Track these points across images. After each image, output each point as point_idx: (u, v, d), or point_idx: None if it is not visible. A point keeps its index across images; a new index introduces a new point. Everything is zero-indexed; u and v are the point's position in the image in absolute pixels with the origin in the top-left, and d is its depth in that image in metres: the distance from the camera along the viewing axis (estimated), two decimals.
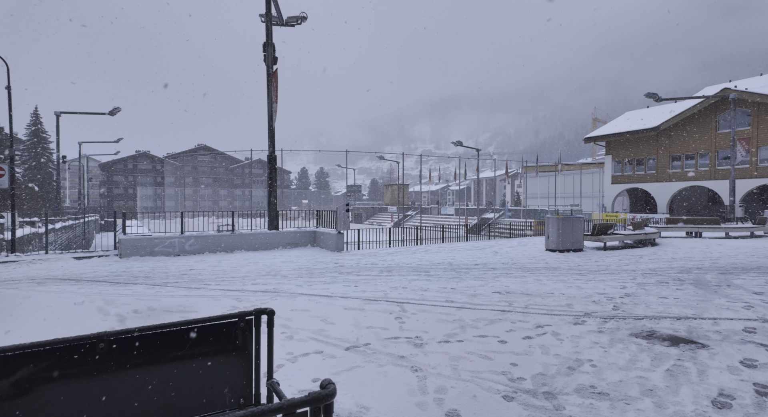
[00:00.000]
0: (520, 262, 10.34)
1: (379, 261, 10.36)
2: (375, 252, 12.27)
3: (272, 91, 12.35)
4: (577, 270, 9.27)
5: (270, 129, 12.54)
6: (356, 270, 9.01)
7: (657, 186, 35.01)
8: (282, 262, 10.07)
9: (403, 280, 7.84)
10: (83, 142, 44.54)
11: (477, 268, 9.51)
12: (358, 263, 9.97)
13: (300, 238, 12.86)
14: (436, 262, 10.25)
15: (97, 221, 70.59)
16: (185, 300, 6.19)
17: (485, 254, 11.95)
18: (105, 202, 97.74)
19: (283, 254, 11.43)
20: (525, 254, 11.94)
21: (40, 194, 56.73)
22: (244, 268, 9.15)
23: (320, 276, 8.29)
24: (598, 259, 11.01)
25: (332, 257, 10.99)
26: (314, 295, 6.54)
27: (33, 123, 65.02)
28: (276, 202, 12.61)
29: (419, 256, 11.33)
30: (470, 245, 14.59)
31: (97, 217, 70.76)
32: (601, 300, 6.43)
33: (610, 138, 37.78)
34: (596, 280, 8.02)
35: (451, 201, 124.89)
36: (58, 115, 32.13)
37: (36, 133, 63.78)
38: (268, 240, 12.29)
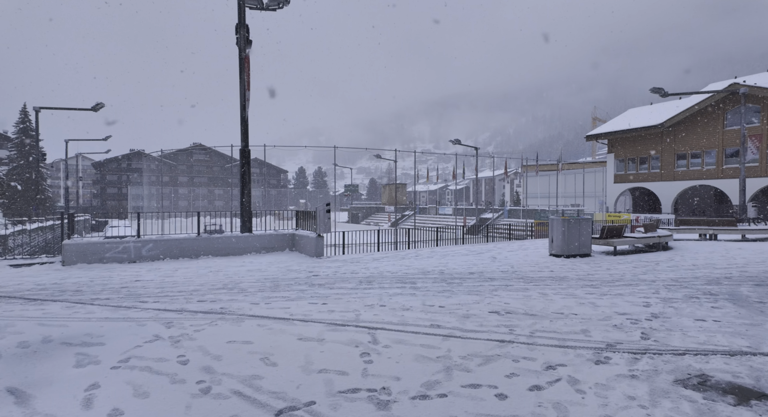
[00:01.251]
0: (521, 271, 9.07)
1: (361, 269, 9.08)
2: (359, 258, 10.99)
3: (245, 77, 11.08)
4: (587, 280, 8.01)
5: (243, 119, 11.26)
6: (331, 281, 7.73)
7: (661, 185, 33.79)
8: (248, 271, 8.79)
9: (383, 295, 6.57)
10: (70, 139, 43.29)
11: (472, 278, 8.24)
12: (336, 272, 8.70)
13: (276, 242, 11.58)
14: (426, 271, 8.98)
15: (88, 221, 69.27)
16: (101, 325, 4.91)
17: (482, 260, 10.69)
18: (98, 202, 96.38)
19: (253, 261, 10.15)
20: (526, 260, 10.68)
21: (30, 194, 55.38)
22: (200, 279, 7.86)
23: (286, 289, 7.01)
24: (609, 266, 9.75)
25: (309, 264, 9.71)
26: (267, 318, 5.26)
27: (21, 121, 63.69)
28: (249, 201, 11.33)
29: (407, 263, 10.05)
30: (466, 249, 13.33)
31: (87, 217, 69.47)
32: (623, 323, 5.17)
33: (613, 136, 36.55)
34: (612, 295, 6.76)
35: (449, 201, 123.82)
36: (38, 110, 30.81)
37: (24, 130, 62.48)
38: (240, 244, 11.01)
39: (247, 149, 11.41)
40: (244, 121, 11.27)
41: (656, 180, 34.23)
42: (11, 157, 59.20)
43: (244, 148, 11.37)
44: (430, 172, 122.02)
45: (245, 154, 11.35)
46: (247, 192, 11.29)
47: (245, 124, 11.30)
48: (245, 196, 11.31)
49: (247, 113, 11.21)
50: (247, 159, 11.40)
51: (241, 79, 11.12)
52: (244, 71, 11.10)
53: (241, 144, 11.36)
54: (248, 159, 11.41)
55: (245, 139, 11.37)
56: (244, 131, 11.32)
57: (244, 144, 11.36)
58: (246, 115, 11.22)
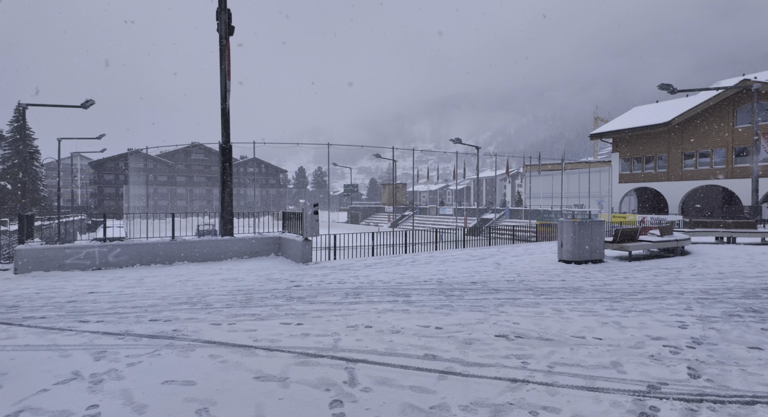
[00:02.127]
0: (529, 280, 8.11)
1: (350, 278, 8.12)
2: (350, 263, 10.02)
3: (225, 66, 10.13)
4: (605, 292, 7.05)
5: (223, 111, 10.30)
6: (313, 294, 6.77)
7: (668, 185, 32.79)
8: (222, 280, 7.83)
9: (370, 313, 5.61)
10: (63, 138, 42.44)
11: (474, 289, 7.28)
12: (321, 282, 7.73)
13: (261, 246, 10.62)
14: (422, 279, 8.02)
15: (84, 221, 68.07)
16: (12, 357, 3.95)
17: (485, 266, 9.72)
18: (95, 202, 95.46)
19: (232, 267, 9.19)
20: (534, 267, 9.71)
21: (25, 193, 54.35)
22: (164, 291, 6.90)
23: (258, 304, 6.05)
24: (626, 274, 8.78)
25: (293, 272, 8.75)
26: (225, 346, 4.30)
27: (16, 119, 62.65)
28: (230, 201, 10.37)
29: (402, 270, 9.09)
30: (467, 253, 12.36)
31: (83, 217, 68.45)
32: (662, 353, 4.20)
33: (618, 134, 35.56)
34: (638, 311, 5.80)
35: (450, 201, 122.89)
36: (25, 107, 29.89)
37: (19, 129, 61.51)
38: (220, 248, 10.06)
39: (228, 145, 10.45)
40: (225, 114, 10.31)
41: (663, 180, 33.24)
42: (5, 156, 58.15)
43: (225, 143, 10.41)
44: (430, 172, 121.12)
45: (226, 151, 10.39)
46: (228, 191, 10.33)
47: (226, 116, 10.34)
48: (226, 196, 10.35)
49: (227, 105, 10.26)
50: (228, 156, 10.44)
51: (222, 69, 10.16)
52: (225, 60, 10.15)
53: (222, 139, 10.40)
54: (229, 156, 10.46)
55: (226, 133, 10.41)
56: (224, 125, 10.36)
57: (224, 139, 10.40)
58: (226, 107, 10.26)
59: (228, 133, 10.46)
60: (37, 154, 62.39)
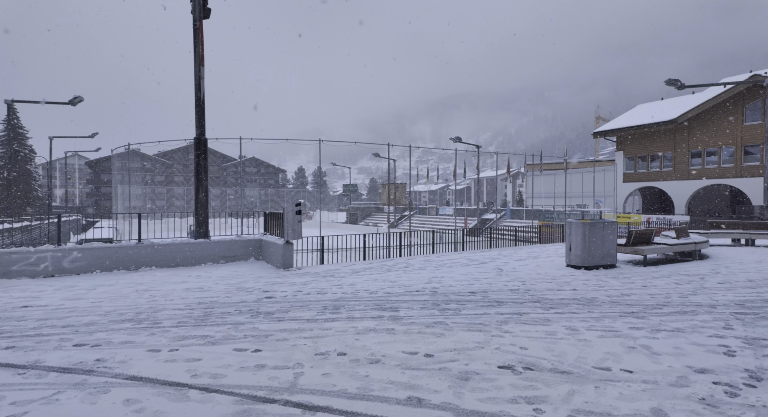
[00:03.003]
0: (535, 289, 7.15)
1: (332, 287, 7.17)
2: (336, 269, 9.06)
3: (199, 50, 9.18)
4: (624, 305, 6.09)
5: (197, 100, 9.34)
6: (285, 308, 5.81)
7: (674, 185, 31.82)
8: (186, 289, 6.87)
9: (348, 334, 4.66)
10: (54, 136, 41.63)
11: (473, 300, 6.33)
12: (299, 292, 6.78)
13: (239, 250, 9.67)
14: (415, 289, 7.06)
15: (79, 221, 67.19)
16: None
17: (486, 273, 8.77)
18: (92, 201, 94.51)
19: (203, 274, 8.24)
20: (540, 273, 8.76)
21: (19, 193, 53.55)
22: (113, 304, 5.95)
23: (215, 322, 5.10)
24: (644, 281, 7.82)
25: (270, 279, 7.80)
26: (152, 383, 3.35)
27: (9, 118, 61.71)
28: (206, 199, 9.41)
29: (393, 277, 8.14)
30: (466, 257, 11.41)
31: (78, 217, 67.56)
32: (715, 394, 3.25)
33: (622, 132, 34.60)
34: (668, 330, 4.84)
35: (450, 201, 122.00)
36: (9, 103, 28.95)
37: (12, 127, 60.58)
38: (194, 253, 9.10)
39: (203, 138, 9.51)
40: (199, 104, 9.36)
41: (668, 179, 32.27)
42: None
43: (200, 136, 9.46)
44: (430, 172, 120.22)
45: (200, 144, 9.43)
46: (203, 189, 9.37)
47: (201, 106, 9.39)
48: (200, 194, 9.39)
49: (202, 93, 9.31)
50: (203, 150, 9.49)
51: (196, 53, 9.22)
52: (198, 44, 9.21)
53: (196, 131, 9.45)
54: (204, 150, 9.51)
55: (201, 125, 9.46)
56: (199, 115, 9.41)
57: (199, 131, 9.45)
58: (201, 96, 9.32)
59: (203, 125, 9.51)
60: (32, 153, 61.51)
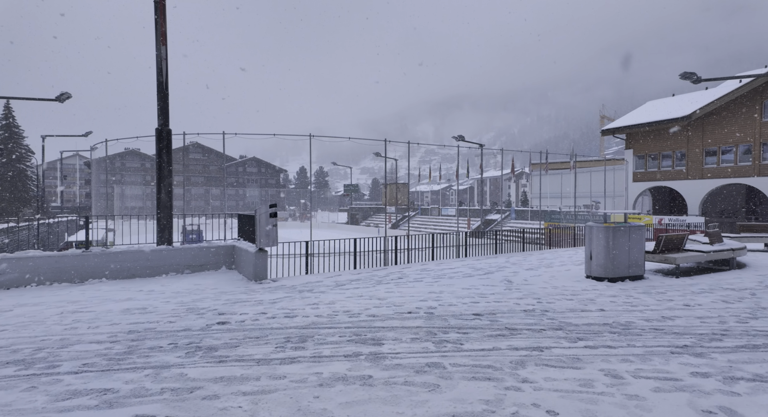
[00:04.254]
0: (554, 309, 5.85)
1: (306, 307, 5.88)
2: (316, 281, 7.77)
3: (160, 29, 7.94)
4: (671, 332, 4.78)
5: (159, 86, 8.08)
6: (236, 340, 4.53)
7: (687, 184, 30.36)
8: (125, 310, 5.60)
9: (305, 387, 3.37)
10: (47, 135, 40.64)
11: (479, 325, 5.04)
12: (261, 315, 5.49)
13: (208, 258, 8.40)
14: (406, 309, 5.77)
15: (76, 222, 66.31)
16: None
17: (492, 286, 7.47)
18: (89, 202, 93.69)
19: (157, 289, 6.97)
20: (556, 286, 7.45)
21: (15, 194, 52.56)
22: (14, 334, 4.69)
23: (134, 365, 3.82)
24: (684, 298, 6.50)
25: (233, 295, 6.52)
26: None
27: (4, 116, 60.68)
28: (169, 200, 8.15)
29: (383, 293, 6.85)
30: (469, 265, 10.11)
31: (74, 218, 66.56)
32: None
33: (632, 130, 33.16)
34: (747, 377, 3.53)
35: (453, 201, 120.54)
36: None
37: (7, 127, 59.54)
38: (154, 262, 7.84)
39: (166, 129, 8.24)
40: (162, 89, 8.10)
41: (681, 178, 30.81)
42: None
43: (162, 127, 8.20)
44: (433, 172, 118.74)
45: (162, 136, 8.17)
46: (166, 188, 8.10)
47: (163, 93, 8.12)
48: (163, 193, 8.12)
49: (164, 77, 8.05)
50: (166, 143, 8.23)
51: (157, 31, 7.98)
52: (160, 21, 7.95)
53: (159, 121, 8.18)
54: (168, 143, 8.24)
55: (164, 113, 8.20)
56: (162, 103, 8.15)
57: (161, 121, 8.19)
58: (163, 80, 8.05)
59: (167, 114, 8.25)
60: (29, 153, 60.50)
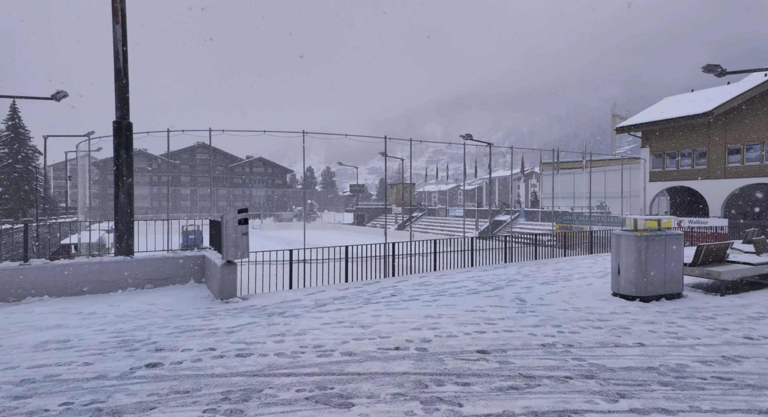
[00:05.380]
0: (580, 342, 4.62)
1: (268, 340, 4.72)
2: (294, 300, 6.62)
3: (117, 4, 6.85)
4: (742, 384, 3.53)
5: (117, 72, 7.00)
6: (155, 396, 3.38)
7: (709, 184, 28.73)
8: (39, 345, 4.48)
9: None
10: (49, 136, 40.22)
11: (484, 370, 3.84)
12: (207, 353, 4.34)
13: (174, 270, 7.30)
14: (393, 344, 4.59)
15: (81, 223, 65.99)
16: None
17: (503, 307, 6.26)
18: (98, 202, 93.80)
19: (102, 310, 5.86)
20: (579, 307, 6.21)
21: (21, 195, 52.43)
22: None
23: None
24: (740, 325, 5.22)
25: (187, 321, 5.39)
26: None
27: (11, 117, 60.52)
28: (129, 201, 7.06)
29: (369, 316, 5.67)
30: (476, 278, 8.89)
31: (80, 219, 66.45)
32: None
33: (649, 127, 31.58)
34: None
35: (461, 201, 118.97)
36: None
37: (13, 127, 59.38)
38: (108, 275, 6.76)
39: (126, 122, 7.16)
40: (120, 77, 7.01)
41: (701, 178, 29.18)
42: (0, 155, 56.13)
43: (121, 120, 7.12)
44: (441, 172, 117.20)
45: (122, 130, 7.09)
46: (125, 189, 7.01)
47: (121, 81, 7.04)
48: (121, 195, 7.03)
49: (122, 63, 6.97)
50: (126, 138, 7.14)
51: (114, 10, 6.90)
52: None
53: (116, 113, 7.10)
54: (128, 137, 7.16)
55: (123, 104, 7.11)
56: (120, 93, 7.07)
57: (120, 113, 7.11)
58: (121, 66, 6.98)
59: (126, 106, 7.17)
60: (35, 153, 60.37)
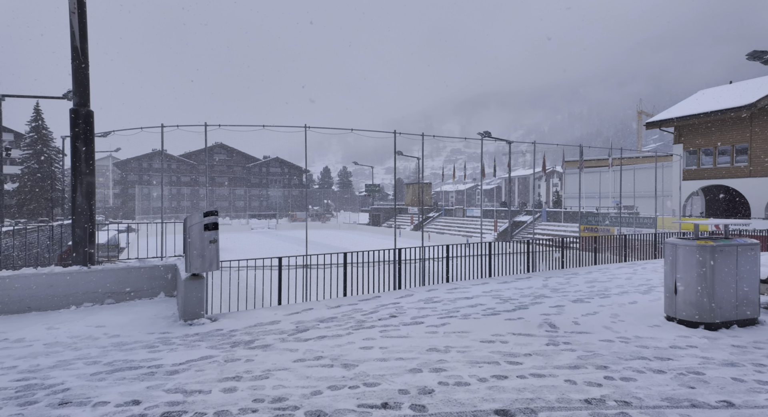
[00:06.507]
0: (638, 393, 3.31)
1: (212, 388, 3.57)
2: (270, 324, 5.47)
3: None
4: None
5: (74, 52, 6.00)
6: None
7: (750, 182, 26.50)
8: None
9: None
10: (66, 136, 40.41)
11: None
12: (123, 413, 3.21)
13: (143, 281, 6.26)
14: (379, 400, 3.38)
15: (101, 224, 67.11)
16: None
17: (528, 334, 4.97)
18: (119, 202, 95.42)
19: (37, 333, 4.83)
20: (627, 337, 4.87)
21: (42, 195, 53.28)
22: None
23: None
24: None
25: (126, 353, 4.28)
26: None
27: (34, 119, 61.52)
28: (89, 202, 6.03)
29: (358, 349, 4.47)
30: (494, 293, 7.58)
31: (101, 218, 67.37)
32: None
33: (683, 121, 29.44)
34: None
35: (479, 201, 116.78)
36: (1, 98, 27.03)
37: (37, 129, 60.33)
38: (60, 288, 5.76)
39: (85, 109, 6.15)
40: (77, 57, 6.02)
41: (742, 176, 26.96)
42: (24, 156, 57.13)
43: (79, 107, 6.12)
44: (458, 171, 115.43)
45: (80, 119, 6.09)
46: (84, 188, 6.00)
47: (78, 59, 6.04)
48: (78, 195, 6.03)
49: (77, 41, 5.97)
50: (85, 128, 6.13)
51: None
52: None
53: (74, 99, 6.11)
54: (88, 127, 6.15)
55: (82, 90, 6.12)
56: (78, 76, 6.07)
57: (78, 99, 6.11)
58: (78, 46, 5.98)
59: (86, 90, 6.17)
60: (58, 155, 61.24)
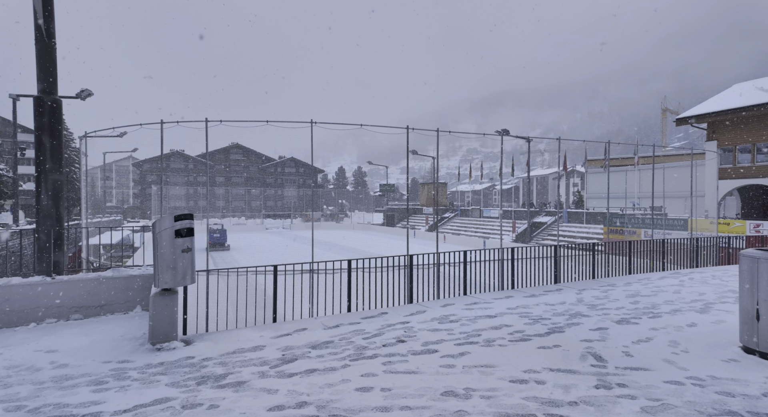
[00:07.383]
0: None
1: None
2: (251, 350, 4.55)
3: None
4: None
5: (38, 34, 5.26)
6: None
7: None
8: None
9: None
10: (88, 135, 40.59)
11: None
12: None
13: (117, 294, 5.47)
14: None
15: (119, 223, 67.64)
16: None
17: (569, 370, 3.95)
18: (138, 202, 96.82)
19: None
20: (698, 376, 3.80)
21: None
22: None
23: None
24: None
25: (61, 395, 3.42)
26: None
27: None
28: (55, 202, 5.28)
29: (352, 390, 3.53)
30: (521, 310, 6.55)
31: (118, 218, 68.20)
32: None
33: (716, 117, 27.66)
34: None
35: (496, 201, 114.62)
36: (15, 98, 27.02)
37: None
38: (19, 304, 4.99)
39: (51, 98, 5.40)
40: (42, 38, 5.26)
41: None
42: None
43: (44, 93, 5.37)
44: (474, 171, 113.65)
45: (44, 107, 5.33)
46: (49, 187, 5.24)
47: (43, 41, 5.28)
48: (44, 197, 5.27)
49: (42, 19, 5.22)
50: (51, 119, 5.38)
51: None
52: None
53: (38, 85, 5.37)
54: (55, 117, 5.40)
55: (47, 75, 5.36)
56: (43, 59, 5.33)
57: (43, 85, 5.36)
58: (42, 24, 5.23)
59: (52, 76, 5.41)
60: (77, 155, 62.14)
